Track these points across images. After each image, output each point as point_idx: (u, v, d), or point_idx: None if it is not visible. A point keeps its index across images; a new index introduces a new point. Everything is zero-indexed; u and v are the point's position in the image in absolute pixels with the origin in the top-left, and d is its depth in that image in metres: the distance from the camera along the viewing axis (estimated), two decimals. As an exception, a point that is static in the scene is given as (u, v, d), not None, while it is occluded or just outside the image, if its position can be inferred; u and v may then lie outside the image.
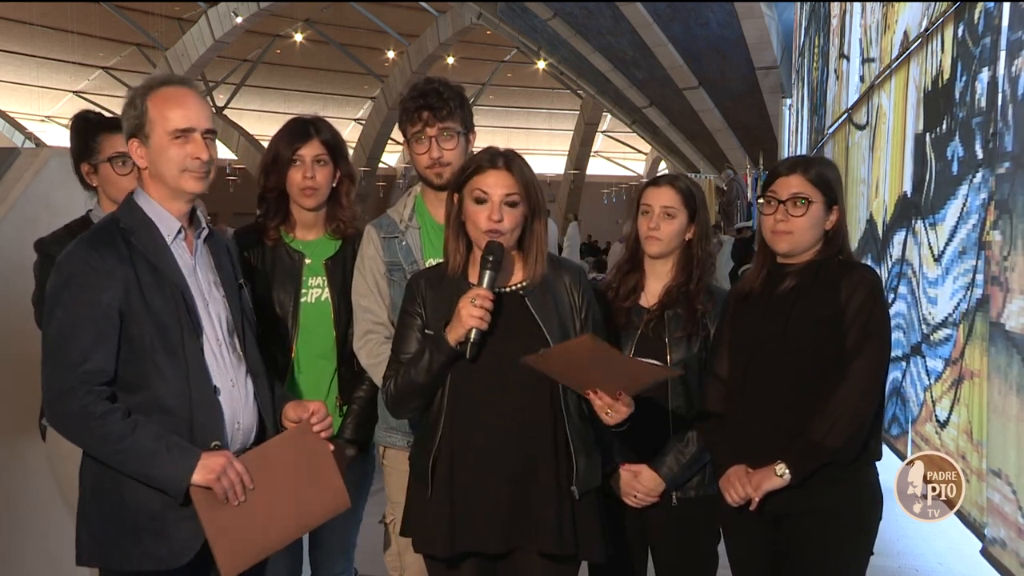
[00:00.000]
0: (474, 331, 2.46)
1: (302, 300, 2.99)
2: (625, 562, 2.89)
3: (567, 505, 2.51)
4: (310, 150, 2.97)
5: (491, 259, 2.49)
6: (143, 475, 2.27)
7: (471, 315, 2.44)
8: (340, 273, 3.01)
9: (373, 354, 2.89)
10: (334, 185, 3.03)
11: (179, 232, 2.41)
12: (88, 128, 3.03)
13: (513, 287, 2.59)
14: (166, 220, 2.39)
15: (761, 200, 2.78)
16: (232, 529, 2.31)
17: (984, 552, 4.39)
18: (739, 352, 2.72)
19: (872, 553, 2.70)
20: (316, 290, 3.01)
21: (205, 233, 2.48)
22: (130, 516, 2.32)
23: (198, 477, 2.26)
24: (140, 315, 2.29)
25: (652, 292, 2.94)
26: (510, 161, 2.54)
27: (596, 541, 2.57)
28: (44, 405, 2.33)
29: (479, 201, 2.51)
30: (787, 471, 2.58)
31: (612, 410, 2.47)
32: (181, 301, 2.34)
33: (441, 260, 2.88)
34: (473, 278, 2.57)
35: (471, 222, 2.54)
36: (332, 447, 2.45)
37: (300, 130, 3.00)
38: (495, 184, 2.51)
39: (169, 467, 2.25)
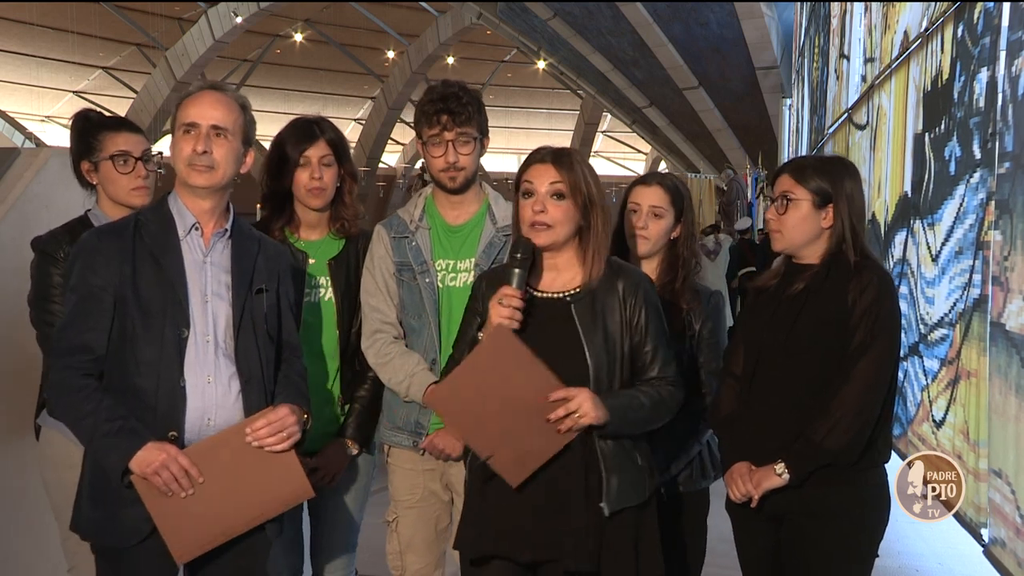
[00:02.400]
0: None
1: (306, 299, 2.99)
2: None
3: (595, 522, 2.42)
4: (317, 151, 2.98)
5: (518, 256, 2.45)
6: (94, 453, 2.38)
7: (499, 315, 2.41)
8: (344, 273, 3.02)
9: (381, 354, 2.90)
10: (338, 184, 3.04)
11: (193, 228, 2.47)
12: (89, 127, 3.03)
13: (562, 293, 2.51)
14: (184, 216, 2.48)
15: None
16: (181, 516, 2.33)
17: (986, 552, 4.39)
18: (749, 350, 2.73)
19: (877, 556, 2.69)
20: (320, 289, 3.02)
21: (227, 233, 2.51)
22: (96, 489, 2.41)
23: (136, 468, 2.30)
24: (128, 302, 2.39)
25: None
26: (557, 156, 2.50)
27: (624, 562, 2.44)
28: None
29: (526, 195, 2.49)
30: (786, 471, 2.59)
31: (579, 411, 2.36)
32: (173, 294, 2.41)
33: (446, 260, 2.93)
34: (536, 282, 2.53)
35: (521, 218, 2.50)
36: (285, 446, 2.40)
37: (306, 131, 3.00)
38: (539, 176, 2.48)
39: (112, 451, 2.32)
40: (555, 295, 2.51)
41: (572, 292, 2.50)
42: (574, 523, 2.41)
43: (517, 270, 2.45)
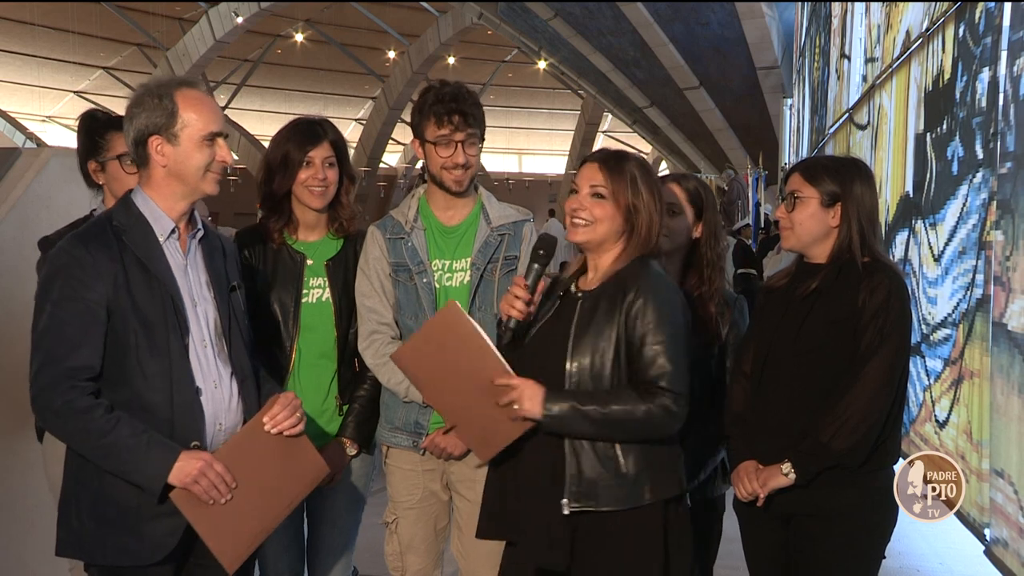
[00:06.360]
0: (511, 320, 2.50)
1: (303, 300, 2.99)
2: None
3: (558, 518, 2.38)
4: (321, 152, 2.97)
5: (541, 252, 2.55)
6: (121, 471, 2.27)
7: (506, 303, 2.52)
8: (341, 273, 3.02)
9: (379, 354, 2.90)
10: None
11: (173, 232, 2.42)
12: (96, 126, 3.04)
13: (581, 290, 2.52)
14: (161, 220, 2.41)
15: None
16: (223, 523, 2.32)
17: (987, 552, 4.39)
18: (759, 349, 2.72)
19: (884, 557, 2.69)
20: (317, 290, 3.02)
21: (200, 234, 2.48)
22: (108, 509, 2.32)
23: (175, 480, 2.26)
24: (126, 313, 2.30)
25: None
26: (606, 158, 2.52)
27: (600, 568, 2.39)
28: (31, 399, 2.32)
29: (572, 192, 2.54)
30: (792, 471, 2.58)
31: (516, 402, 2.37)
32: (169, 300, 2.35)
33: (442, 261, 2.93)
34: (583, 282, 2.55)
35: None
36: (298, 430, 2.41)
37: (311, 132, 2.99)
38: (583, 176, 2.52)
39: (146, 465, 2.25)
40: (577, 292, 2.53)
41: (590, 290, 2.50)
42: (535, 516, 2.41)
43: (534, 264, 2.55)
